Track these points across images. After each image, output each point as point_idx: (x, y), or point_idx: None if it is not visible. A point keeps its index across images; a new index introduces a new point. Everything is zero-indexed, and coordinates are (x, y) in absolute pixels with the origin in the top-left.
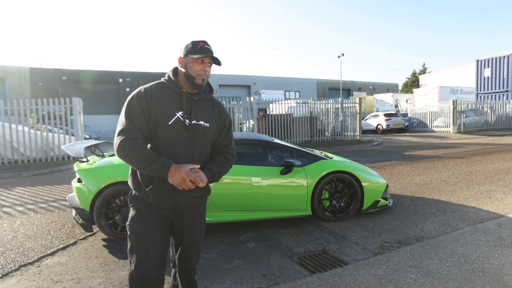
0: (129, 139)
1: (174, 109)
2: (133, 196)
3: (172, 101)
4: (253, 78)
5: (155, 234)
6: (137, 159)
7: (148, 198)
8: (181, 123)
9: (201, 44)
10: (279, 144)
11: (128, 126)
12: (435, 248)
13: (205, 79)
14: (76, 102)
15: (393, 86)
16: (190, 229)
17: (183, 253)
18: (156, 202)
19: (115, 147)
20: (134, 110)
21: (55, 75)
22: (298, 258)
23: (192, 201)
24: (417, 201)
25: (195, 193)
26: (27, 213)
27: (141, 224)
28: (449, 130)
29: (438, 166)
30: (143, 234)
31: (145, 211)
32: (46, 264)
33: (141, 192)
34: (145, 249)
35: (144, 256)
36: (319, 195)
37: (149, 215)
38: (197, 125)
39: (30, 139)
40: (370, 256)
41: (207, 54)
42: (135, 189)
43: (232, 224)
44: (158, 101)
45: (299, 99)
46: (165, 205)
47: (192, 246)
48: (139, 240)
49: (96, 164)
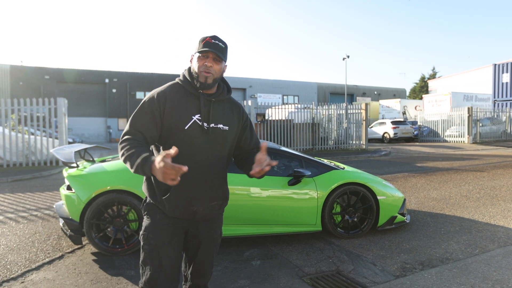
0: (126, 139)
1: (191, 112)
2: (148, 204)
3: (188, 104)
4: (249, 81)
5: (170, 245)
6: (127, 159)
7: (164, 207)
8: (198, 127)
9: (207, 39)
10: (286, 152)
11: (131, 130)
12: (464, 272)
13: (209, 76)
14: (61, 103)
15: (400, 92)
16: (206, 242)
17: (197, 267)
18: (172, 212)
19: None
20: (142, 115)
21: (37, 74)
22: (309, 278)
23: (210, 211)
24: (437, 218)
25: (213, 202)
26: (8, 223)
27: (156, 235)
28: (464, 140)
29: (456, 179)
30: (158, 245)
31: (160, 221)
32: (31, 280)
33: (156, 200)
34: (159, 262)
35: (158, 269)
36: (330, 209)
37: (164, 225)
38: (215, 128)
39: (10, 141)
40: (391, 278)
41: (209, 48)
42: (150, 196)
43: (234, 239)
44: (173, 105)
45: (298, 103)
46: (181, 215)
47: (207, 260)
48: (153, 252)
49: (88, 170)
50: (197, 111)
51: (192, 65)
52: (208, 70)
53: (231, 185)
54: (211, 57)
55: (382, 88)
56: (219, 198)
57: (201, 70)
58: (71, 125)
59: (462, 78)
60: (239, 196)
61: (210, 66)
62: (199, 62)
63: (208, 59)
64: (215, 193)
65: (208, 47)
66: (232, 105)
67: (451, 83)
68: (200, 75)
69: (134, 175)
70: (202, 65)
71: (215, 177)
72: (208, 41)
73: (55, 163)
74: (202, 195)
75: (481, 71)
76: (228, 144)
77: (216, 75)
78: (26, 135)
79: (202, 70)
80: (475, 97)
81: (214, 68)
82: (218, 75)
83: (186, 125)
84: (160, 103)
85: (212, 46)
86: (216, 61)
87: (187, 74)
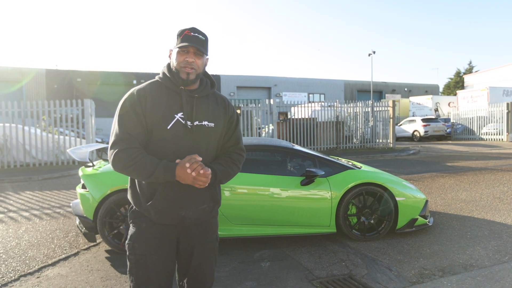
0: (124, 150)
1: (173, 110)
2: (133, 211)
3: (170, 102)
4: (274, 80)
5: (157, 255)
6: (138, 168)
7: (150, 214)
8: (181, 126)
9: (186, 32)
10: (300, 151)
11: (122, 136)
12: (489, 280)
13: (192, 72)
14: (88, 104)
15: (433, 88)
16: (200, 247)
17: (193, 275)
18: (159, 219)
19: (110, 161)
20: (127, 117)
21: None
22: (319, 282)
23: (200, 215)
24: (464, 221)
25: (202, 205)
26: (32, 219)
27: (141, 244)
28: (502, 138)
29: (489, 180)
30: (143, 255)
31: (146, 229)
32: (46, 275)
33: (141, 207)
34: (145, 272)
35: (144, 280)
36: (345, 210)
37: (151, 233)
38: (200, 126)
39: (42, 142)
40: (407, 285)
41: (189, 43)
42: (134, 204)
43: (245, 240)
44: (153, 103)
45: (324, 102)
46: (169, 221)
47: (204, 266)
48: (138, 262)
49: (102, 169)
50: (179, 109)
51: (171, 61)
52: (191, 66)
53: (242, 185)
54: (192, 51)
55: (413, 84)
56: (208, 200)
57: (182, 66)
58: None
59: (501, 72)
60: (250, 196)
61: (192, 62)
62: (179, 57)
63: (189, 54)
64: (204, 196)
65: (188, 41)
66: (218, 99)
67: (489, 77)
68: (181, 71)
69: None
70: (183, 61)
71: None
72: (187, 34)
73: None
74: (190, 198)
75: None
76: (215, 142)
77: (198, 70)
78: (56, 135)
79: (183, 66)
80: None
81: (197, 63)
82: (200, 70)
83: (168, 125)
84: (141, 102)
85: (192, 40)
86: (198, 55)
87: (166, 70)
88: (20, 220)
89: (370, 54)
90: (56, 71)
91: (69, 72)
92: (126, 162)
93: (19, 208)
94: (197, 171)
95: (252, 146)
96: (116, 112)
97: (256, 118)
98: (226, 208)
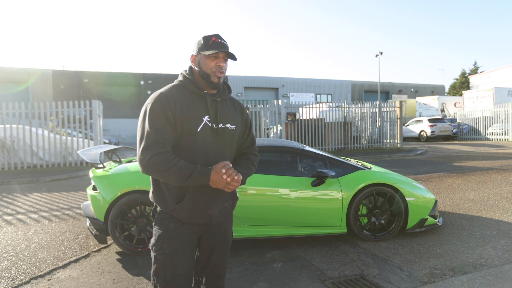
0: (160, 153)
1: (200, 114)
2: (159, 213)
3: (196, 106)
4: (281, 80)
5: (184, 254)
6: (174, 172)
7: (179, 214)
8: (209, 128)
9: (213, 38)
10: (310, 152)
11: (156, 139)
12: (499, 279)
13: (222, 77)
14: (96, 105)
15: (439, 88)
16: (220, 244)
17: (213, 269)
18: (189, 218)
19: (143, 164)
20: (159, 120)
21: (76, 78)
22: (331, 283)
23: (224, 213)
24: (473, 220)
25: (226, 203)
26: (41, 221)
27: (170, 244)
28: (508, 138)
29: (497, 179)
30: (172, 255)
31: (174, 230)
32: (57, 277)
33: (169, 208)
34: (174, 272)
35: (173, 280)
36: (356, 211)
37: (178, 234)
38: (224, 128)
39: (49, 143)
40: (418, 285)
41: (220, 49)
42: (160, 205)
43: (256, 241)
44: (182, 107)
45: (331, 102)
46: (199, 221)
47: (222, 261)
48: (167, 262)
49: (112, 171)
50: (205, 111)
51: (199, 66)
52: (221, 70)
53: (253, 186)
54: (221, 57)
55: (419, 85)
56: (230, 198)
57: (214, 71)
58: (109, 126)
59: (506, 72)
60: (261, 197)
61: (223, 66)
62: (210, 62)
63: (220, 59)
64: (227, 194)
65: (218, 47)
66: (234, 103)
67: (494, 78)
68: (213, 75)
69: None
70: (215, 66)
71: None
72: (215, 40)
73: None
74: (217, 197)
75: None
76: (235, 144)
77: (224, 74)
78: (64, 136)
79: (215, 71)
80: None
81: (224, 67)
82: (225, 74)
83: (198, 127)
84: (171, 106)
85: (221, 46)
86: (225, 60)
87: (189, 74)
88: (29, 222)
89: (377, 55)
90: (62, 71)
91: (76, 72)
92: (162, 166)
93: (28, 210)
94: (232, 177)
95: (263, 147)
96: (144, 115)
97: (264, 119)
98: (237, 209)
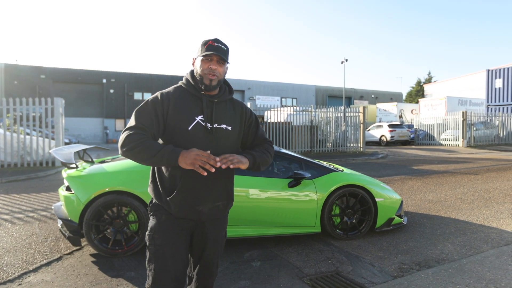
0: (136, 133)
1: (194, 113)
2: (154, 204)
3: (192, 105)
4: (248, 83)
5: (174, 246)
6: (144, 148)
7: (169, 207)
8: (202, 128)
9: (210, 42)
10: (286, 154)
11: (136, 125)
12: (459, 272)
13: (214, 79)
14: (59, 102)
15: (397, 95)
16: (212, 243)
17: (204, 268)
18: (178, 212)
19: (120, 142)
20: (146, 112)
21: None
22: (309, 279)
23: (216, 212)
24: (433, 219)
25: (218, 202)
26: (3, 224)
27: (161, 235)
28: (458, 143)
29: (451, 182)
30: (162, 245)
31: (166, 221)
32: (29, 281)
33: (162, 201)
34: (164, 262)
35: (162, 269)
36: (330, 211)
37: (169, 226)
38: (219, 128)
39: (5, 142)
40: (389, 279)
41: (213, 52)
42: (155, 197)
43: (234, 240)
44: (176, 106)
45: (296, 106)
46: (187, 216)
47: (213, 260)
48: (158, 252)
49: (88, 171)
50: (200, 112)
51: (195, 68)
52: (213, 73)
53: None
54: (215, 59)
55: (379, 91)
56: (223, 198)
57: (206, 73)
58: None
59: (457, 82)
60: (239, 197)
61: (215, 69)
62: (203, 65)
63: (213, 62)
64: (220, 193)
65: (212, 50)
66: (235, 105)
67: (446, 87)
68: (205, 77)
69: (134, 176)
70: (207, 68)
71: (220, 177)
72: (211, 44)
73: (51, 164)
74: (207, 195)
75: (475, 76)
76: (232, 144)
77: (220, 77)
78: (22, 135)
79: (207, 73)
80: (469, 101)
81: (219, 70)
82: (221, 77)
83: (189, 126)
84: (164, 104)
85: (216, 49)
86: (220, 64)
87: (189, 77)
88: None
89: (343, 61)
90: (16, 66)
91: (32, 68)
92: (135, 144)
93: None
94: (203, 152)
95: None
96: (136, 109)
97: None
98: None
